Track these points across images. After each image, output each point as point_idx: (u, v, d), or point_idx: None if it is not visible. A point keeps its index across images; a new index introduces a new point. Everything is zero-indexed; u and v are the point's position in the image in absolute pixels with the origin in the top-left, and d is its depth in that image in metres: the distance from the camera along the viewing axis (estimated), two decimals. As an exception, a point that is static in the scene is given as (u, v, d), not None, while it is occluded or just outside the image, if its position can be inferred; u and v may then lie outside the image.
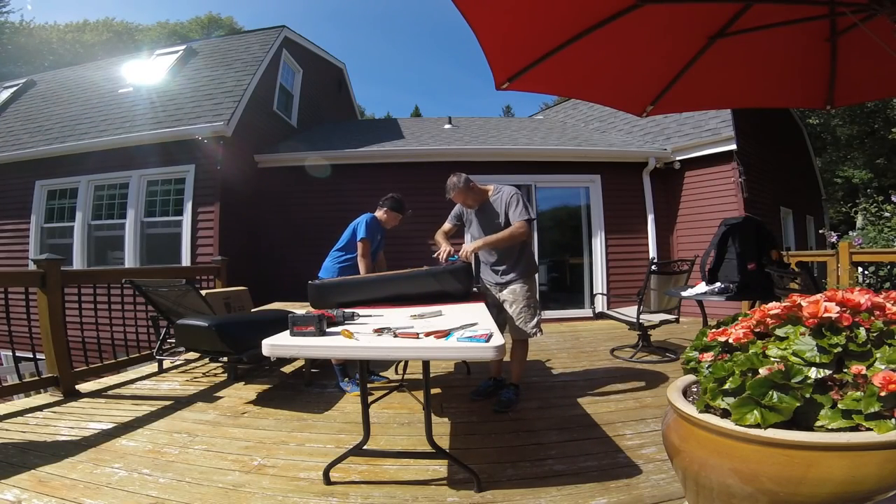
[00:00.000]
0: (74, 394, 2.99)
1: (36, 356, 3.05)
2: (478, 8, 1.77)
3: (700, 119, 6.39)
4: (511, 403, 2.65)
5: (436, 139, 7.39)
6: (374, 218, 3.24)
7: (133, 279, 3.31)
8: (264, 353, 1.65)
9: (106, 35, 26.83)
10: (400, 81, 75.06)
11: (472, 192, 2.70)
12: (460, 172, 2.72)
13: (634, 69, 2.41)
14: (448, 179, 2.70)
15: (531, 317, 2.69)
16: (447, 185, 2.70)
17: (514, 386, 2.76)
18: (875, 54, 1.96)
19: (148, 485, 1.78)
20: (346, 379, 3.12)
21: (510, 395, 2.70)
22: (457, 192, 2.69)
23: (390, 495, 1.71)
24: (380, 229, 3.31)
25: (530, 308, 2.69)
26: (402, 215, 3.37)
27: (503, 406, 2.62)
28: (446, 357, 2.87)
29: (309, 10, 62.82)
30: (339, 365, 3.14)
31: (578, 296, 6.64)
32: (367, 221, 3.15)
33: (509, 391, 2.72)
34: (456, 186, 2.67)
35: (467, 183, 2.67)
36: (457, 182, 2.67)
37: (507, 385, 2.78)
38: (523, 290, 2.69)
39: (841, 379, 1.03)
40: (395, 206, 3.32)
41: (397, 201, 3.34)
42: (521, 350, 2.75)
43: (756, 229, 3.17)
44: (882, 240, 4.74)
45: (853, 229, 6.26)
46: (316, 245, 6.38)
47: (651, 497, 1.64)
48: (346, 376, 3.13)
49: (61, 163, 6.35)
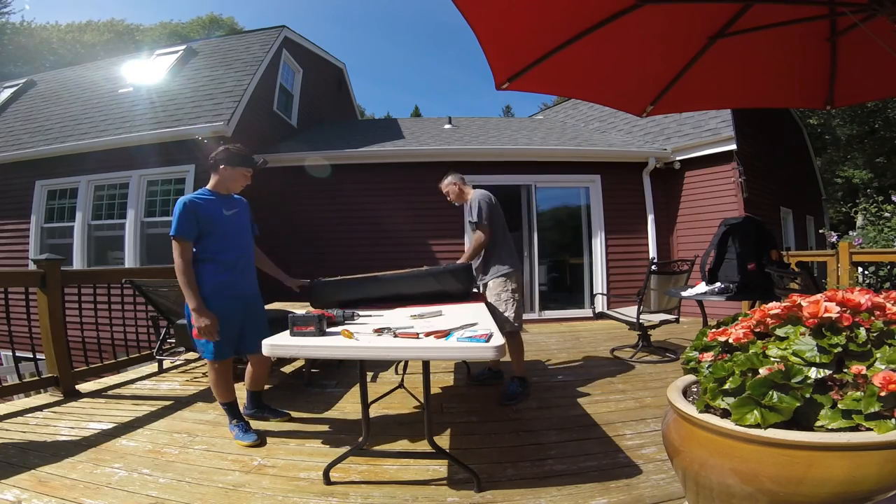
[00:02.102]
0: (74, 394, 2.99)
1: (36, 356, 3.05)
2: (478, 8, 1.77)
3: (700, 119, 6.39)
4: (516, 395, 2.68)
5: (436, 139, 7.39)
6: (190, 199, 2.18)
7: (133, 279, 3.32)
8: (264, 353, 1.65)
9: (106, 35, 26.84)
10: (400, 81, 75.05)
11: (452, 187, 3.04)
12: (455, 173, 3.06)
13: (634, 69, 2.41)
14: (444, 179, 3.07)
15: (506, 307, 2.75)
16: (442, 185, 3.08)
17: (519, 379, 2.80)
18: (875, 54, 1.96)
19: (148, 485, 1.78)
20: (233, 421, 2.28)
21: (515, 387, 2.74)
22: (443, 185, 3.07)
23: (390, 495, 1.70)
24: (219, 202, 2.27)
25: (503, 301, 2.77)
26: (250, 168, 2.34)
27: (508, 398, 2.65)
28: (446, 357, 2.87)
29: (309, 10, 62.83)
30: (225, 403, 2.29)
31: (578, 296, 6.65)
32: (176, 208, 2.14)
33: (514, 384, 2.76)
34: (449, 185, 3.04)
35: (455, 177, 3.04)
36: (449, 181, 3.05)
37: (512, 378, 2.82)
38: (495, 283, 2.81)
39: (841, 379, 1.03)
40: (230, 157, 2.28)
41: (230, 152, 2.29)
42: (511, 343, 2.74)
43: (756, 229, 3.16)
44: (882, 240, 4.74)
45: (853, 229, 6.26)
46: (316, 245, 6.42)
47: (651, 497, 1.64)
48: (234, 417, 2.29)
49: (61, 163, 6.35)
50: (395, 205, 6.30)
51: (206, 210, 2.20)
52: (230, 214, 2.30)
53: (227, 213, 2.29)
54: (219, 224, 2.23)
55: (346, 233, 6.29)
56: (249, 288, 2.38)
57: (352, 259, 5.63)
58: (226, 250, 2.25)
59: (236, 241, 2.32)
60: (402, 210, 6.28)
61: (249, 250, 2.42)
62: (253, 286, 2.41)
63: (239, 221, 2.35)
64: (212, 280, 2.19)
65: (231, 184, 2.32)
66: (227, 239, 2.26)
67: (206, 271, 2.19)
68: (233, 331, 2.23)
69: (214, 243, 2.21)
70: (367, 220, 6.30)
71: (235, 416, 2.29)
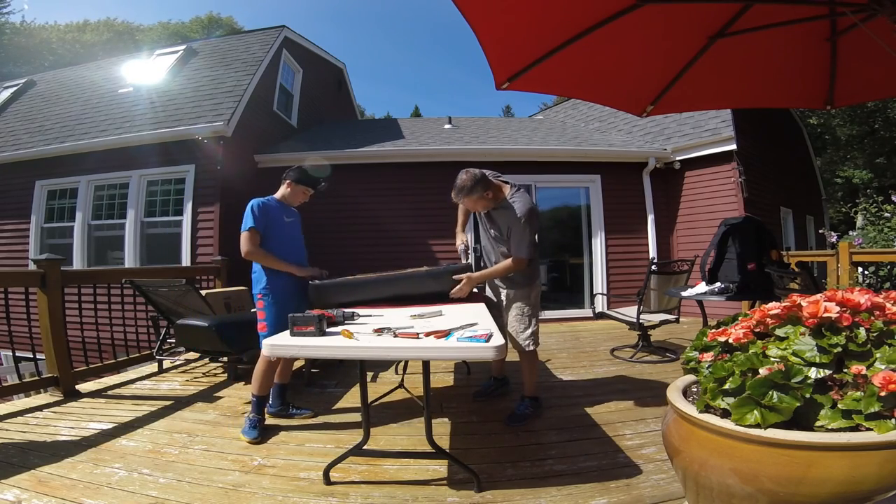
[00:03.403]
0: (74, 394, 2.99)
1: (36, 356, 3.05)
2: (478, 8, 1.77)
3: (700, 119, 6.39)
4: (525, 418, 2.43)
5: (436, 139, 7.39)
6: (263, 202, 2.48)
7: (133, 279, 3.31)
8: (264, 353, 1.66)
9: (106, 35, 26.82)
10: (400, 81, 75.16)
11: (483, 199, 2.32)
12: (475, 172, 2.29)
13: (634, 69, 2.41)
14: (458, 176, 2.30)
15: (523, 327, 2.44)
16: (456, 184, 2.29)
17: (531, 399, 2.53)
18: (875, 54, 1.96)
19: (148, 485, 1.78)
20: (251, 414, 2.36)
21: (524, 408, 2.47)
22: (467, 200, 2.34)
23: (390, 495, 1.71)
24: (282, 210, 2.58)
25: (524, 317, 2.45)
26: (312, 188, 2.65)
27: (515, 420, 2.41)
28: (446, 357, 2.87)
29: (309, 10, 62.92)
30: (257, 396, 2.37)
31: (578, 296, 6.64)
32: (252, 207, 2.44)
33: (524, 404, 2.50)
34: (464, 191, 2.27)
35: (482, 191, 2.28)
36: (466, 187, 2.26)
37: (522, 398, 2.55)
38: (518, 295, 2.47)
39: (841, 379, 1.03)
40: (300, 177, 2.62)
41: (302, 171, 2.65)
42: (524, 361, 2.51)
43: (756, 229, 3.16)
44: (882, 240, 4.74)
45: (853, 229, 6.26)
46: (316, 245, 6.41)
47: (651, 497, 1.64)
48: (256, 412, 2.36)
49: (61, 163, 6.35)
50: (395, 205, 6.30)
51: (272, 213, 2.49)
52: (290, 222, 2.61)
53: (288, 220, 2.59)
54: (279, 229, 2.52)
55: (345, 233, 6.29)
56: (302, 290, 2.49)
57: (352, 259, 5.63)
58: (285, 253, 2.51)
59: (293, 247, 2.60)
60: (403, 210, 6.28)
61: (304, 255, 2.69)
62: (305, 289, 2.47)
63: (294, 230, 2.66)
64: (273, 278, 2.45)
65: (292, 198, 2.63)
66: (285, 243, 2.53)
67: (269, 270, 2.45)
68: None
69: (276, 246, 2.47)
70: (367, 220, 6.30)
71: (257, 411, 2.35)
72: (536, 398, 2.56)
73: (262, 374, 2.36)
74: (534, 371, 2.56)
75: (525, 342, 2.43)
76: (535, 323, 2.49)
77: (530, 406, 2.50)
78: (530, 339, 2.44)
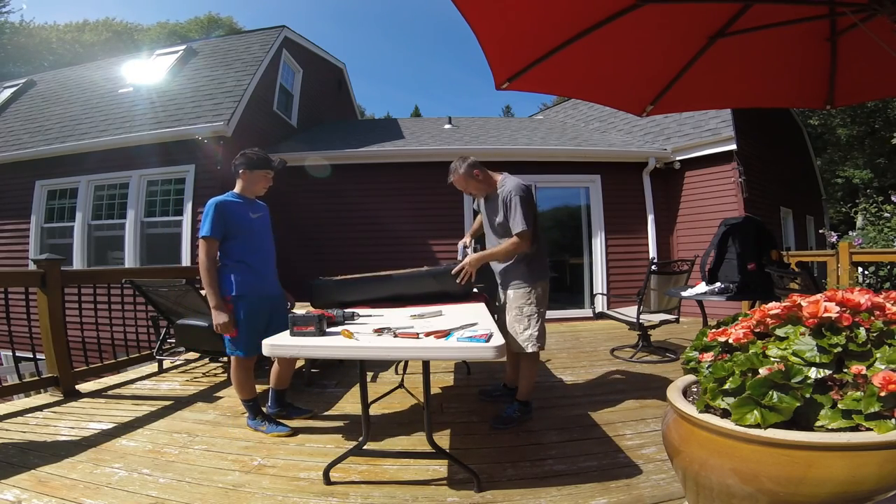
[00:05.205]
0: (74, 394, 2.99)
1: (36, 356, 3.05)
2: (478, 8, 1.78)
3: (700, 119, 6.39)
4: (510, 421, 2.36)
5: (436, 139, 7.39)
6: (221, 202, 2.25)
7: (133, 279, 3.32)
8: (264, 353, 1.66)
9: (106, 35, 26.80)
10: (400, 81, 75.16)
11: (473, 179, 2.41)
12: (468, 156, 2.43)
13: (634, 69, 2.41)
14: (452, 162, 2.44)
15: (522, 327, 2.33)
16: (450, 167, 2.44)
17: (521, 403, 2.44)
18: (875, 54, 1.96)
19: (148, 485, 1.78)
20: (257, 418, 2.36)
21: (512, 411, 2.40)
22: (456, 178, 2.42)
23: (390, 495, 1.70)
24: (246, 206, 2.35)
25: (523, 317, 2.34)
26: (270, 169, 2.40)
27: (500, 422, 2.36)
28: (446, 357, 2.87)
29: (309, 9, 62.91)
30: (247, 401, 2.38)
31: (578, 296, 6.64)
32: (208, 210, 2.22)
33: (513, 407, 2.43)
34: (455, 171, 2.39)
35: (470, 170, 2.38)
36: (457, 166, 2.39)
37: (513, 400, 2.48)
38: (517, 295, 2.37)
39: (841, 379, 1.03)
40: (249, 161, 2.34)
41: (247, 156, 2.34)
42: (524, 363, 2.42)
43: (756, 229, 3.16)
44: (882, 240, 4.74)
45: (853, 229, 6.26)
46: (316, 245, 6.43)
47: (651, 497, 1.64)
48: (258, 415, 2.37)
49: (61, 163, 6.35)
50: (395, 204, 6.30)
51: (234, 212, 2.28)
52: (256, 218, 2.38)
53: (254, 216, 2.37)
54: (246, 226, 2.31)
55: (345, 233, 6.29)
56: (275, 289, 2.47)
57: (352, 259, 5.63)
58: (253, 252, 2.33)
59: (262, 244, 2.40)
60: (403, 210, 6.28)
61: (272, 253, 2.50)
62: (278, 288, 2.50)
63: (263, 225, 2.44)
64: (242, 281, 2.28)
65: (254, 186, 2.39)
66: (253, 241, 2.35)
67: (237, 272, 2.28)
68: (260, 330, 2.25)
69: (242, 245, 2.30)
70: (367, 219, 6.31)
71: (259, 413, 2.35)
72: (527, 403, 2.46)
73: (240, 380, 2.35)
74: (531, 375, 2.44)
75: (524, 343, 2.33)
76: (537, 324, 2.35)
77: (518, 410, 2.41)
78: (529, 341, 2.33)
